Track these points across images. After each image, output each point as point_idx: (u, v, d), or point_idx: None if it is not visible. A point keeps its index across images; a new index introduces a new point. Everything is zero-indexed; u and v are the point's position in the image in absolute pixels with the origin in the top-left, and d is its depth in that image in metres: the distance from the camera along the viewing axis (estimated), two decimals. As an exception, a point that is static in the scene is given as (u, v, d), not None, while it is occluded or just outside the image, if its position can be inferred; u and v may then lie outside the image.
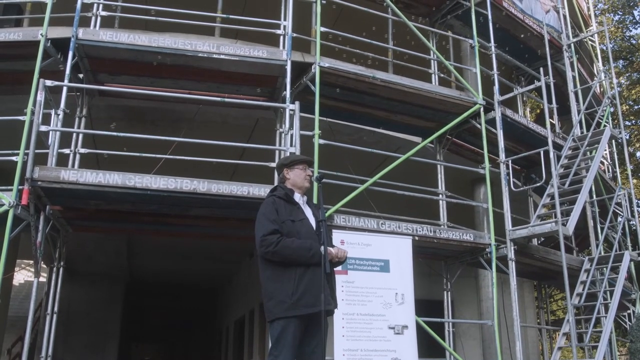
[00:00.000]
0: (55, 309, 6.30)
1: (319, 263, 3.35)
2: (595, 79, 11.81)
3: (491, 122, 8.08)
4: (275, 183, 6.38)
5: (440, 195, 8.05)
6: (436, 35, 8.69)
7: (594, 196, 9.57)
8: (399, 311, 6.23)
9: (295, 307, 3.31)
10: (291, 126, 6.43)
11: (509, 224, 7.68)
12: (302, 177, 3.75)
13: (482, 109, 7.99)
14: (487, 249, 7.54)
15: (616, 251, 9.05)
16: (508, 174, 7.83)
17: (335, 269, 3.67)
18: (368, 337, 6.00)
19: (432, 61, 8.45)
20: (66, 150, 6.22)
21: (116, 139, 6.48)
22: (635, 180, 17.79)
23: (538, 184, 8.15)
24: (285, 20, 7.18)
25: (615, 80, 11.42)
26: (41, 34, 6.22)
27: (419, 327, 6.43)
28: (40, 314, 9.17)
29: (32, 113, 5.65)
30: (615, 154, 11.72)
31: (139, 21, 7.42)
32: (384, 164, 7.37)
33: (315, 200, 5.24)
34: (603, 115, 10.29)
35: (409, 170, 7.41)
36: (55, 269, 6.52)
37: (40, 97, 5.62)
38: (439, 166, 8.18)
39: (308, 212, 3.68)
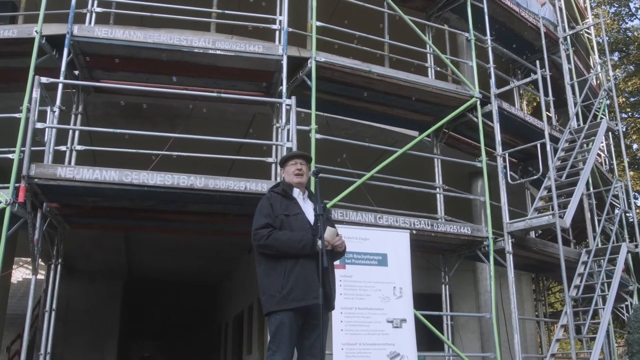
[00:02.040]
0: (54, 306, 6.30)
1: (310, 255, 3.36)
2: (592, 71, 11.81)
3: (488, 116, 8.08)
4: (273, 178, 6.44)
5: (438, 189, 8.05)
6: (432, 29, 8.68)
7: (591, 188, 9.59)
8: (397, 305, 6.22)
9: (284, 301, 3.34)
10: (288, 121, 6.43)
11: (507, 217, 7.69)
12: (291, 172, 3.71)
13: (478, 102, 7.98)
14: (484, 242, 7.56)
15: (613, 243, 9.07)
16: (505, 167, 7.85)
17: (334, 263, 3.65)
18: (366, 331, 5.99)
19: (428, 55, 8.44)
20: (62, 148, 6.20)
21: (113, 135, 6.46)
22: (632, 173, 17.80)
23: (535, 177, 8.17)
24: (280, 15, 7.16)
25: (611, 73, 11.41)
26: (36, 31, 6.20)
27: (417, 321, 6.44)
28: (39, 311, 9.16)
29: (28, 110, 5.64)
30: (612, 146, 11.74)
31: (134, 17, 7.39)
32: (381, 158, 7.37)
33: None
34: (599, 108, 10.28)
35: (406, 164, 7.41)
36: (53, 266, 6.53)
37: (36, 94, 5.61)
38: (436, 160, 8.19)
39: (308, 207, 3.64)
